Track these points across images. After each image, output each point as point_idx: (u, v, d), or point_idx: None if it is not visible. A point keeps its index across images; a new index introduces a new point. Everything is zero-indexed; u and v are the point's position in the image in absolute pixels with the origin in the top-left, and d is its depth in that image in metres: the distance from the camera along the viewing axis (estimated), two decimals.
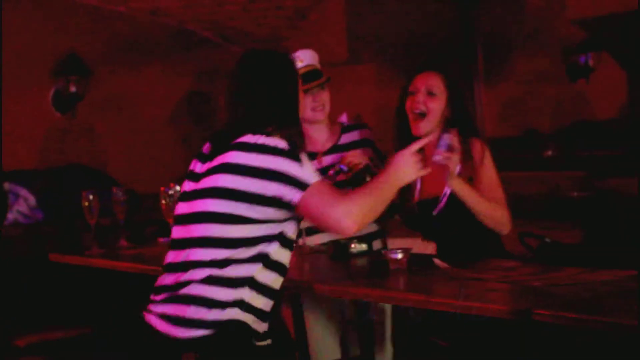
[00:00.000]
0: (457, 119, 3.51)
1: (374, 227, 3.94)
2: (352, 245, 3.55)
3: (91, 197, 4.32)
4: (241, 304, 2.64)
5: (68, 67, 7.08)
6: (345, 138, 4.03)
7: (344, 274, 3.36)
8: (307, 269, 3.50)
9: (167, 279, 2.74)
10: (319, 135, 4.04)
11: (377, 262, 3.48)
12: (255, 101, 2.79)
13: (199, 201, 2.74)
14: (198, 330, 2.62)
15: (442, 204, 3.50)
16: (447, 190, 3.47)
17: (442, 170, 3.39)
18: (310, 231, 3.83)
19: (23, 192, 6.40)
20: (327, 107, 4.00)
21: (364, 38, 7.82)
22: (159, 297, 2.73)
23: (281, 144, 2.66)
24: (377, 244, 3.87)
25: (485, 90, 7.39)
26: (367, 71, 7.81)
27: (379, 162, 3.82)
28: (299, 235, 3.74)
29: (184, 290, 2.66)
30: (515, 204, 3.57)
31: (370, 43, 7.80)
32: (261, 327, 2.71)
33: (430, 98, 3.52)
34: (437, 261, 3.12)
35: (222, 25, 7.58)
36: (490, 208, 3.36)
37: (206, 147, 2.85)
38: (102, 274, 4.36)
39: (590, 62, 8.04)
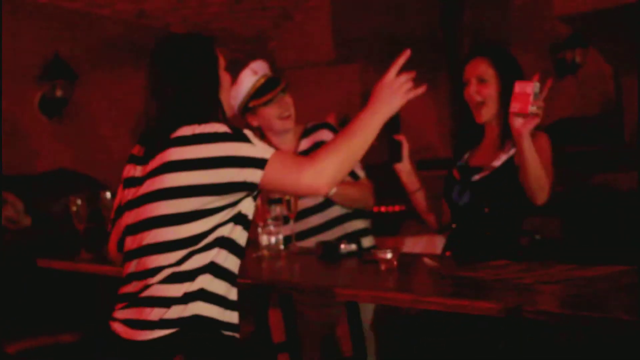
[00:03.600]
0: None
1: (361, 224, 3.93)
2: (342, 246, 3.54)
3: (79, 201, 4.30)
4: (202, 295, 2.54)
5: (54, 72, 7.07)
6: (304, 144, 3.95)
7: (332, 275, 3.35)
8: (297, 270, 3.49)
9: (129, 287, 2.64)
10: (284, 146, 3.94)
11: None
12: (179, 91, 2.64)
13: (147, 206, 2.60)
14: (161, 331, 2.52)
15: (485, 173, 3.43)
16: (496, 163, 3.42)
17: (494, 142, 3.42)
18: (301, 236, 3.83)
19: (11, 197, 6.38)
20: (294, 114, 3.92)
21: (350, 37, 7.82)
22: (121, 305, 2.64)
23: (221, 128, 2.54)
24: (366, 242, 3.86)
25: None
26: (353, 70, 7.81)
27: None
28: (289, 240, 3.73)
29: (145, 294, 2.56)
30: None
31: (356, 42, 7.80)
32: (228, 317, 2.60)
33: (483, 85, 3.45)
34: (426, 260, 3.11)
35: (208, 26, 7.57)
36: (542, 171, 3.20)
37: (137, 150, 2.73)
38: (91, 279, 4.35)
39: (578, 58, 8.07)
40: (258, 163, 2.51)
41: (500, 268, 2.97)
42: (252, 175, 2.52)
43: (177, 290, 2.53)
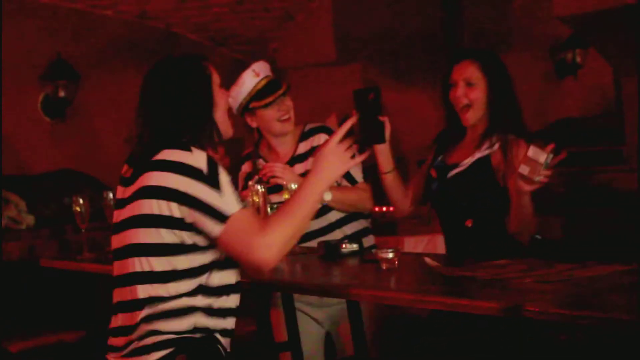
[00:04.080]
0: (499, 107, 3.46)
1: (362, 225, 3.94)
2: (343, 246, 3.54)
3: (82, 201, 4.31)
4: (195, 327, 2.55)
5: (56, 72, 7.08)
6: (302, 147, 3.93)
7: (333, 274, 3.36)
8: (298, 269, 3.50)
9: (120, 319, 2.62)
10: (282, 148, 3.94)
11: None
12: (164, 112, 2.62)
13: (127, 232, 2.59)
14: (158, 353, 2.52)
15: (460, 169, 3.47)
16: (470, 160, 3.46)
17: (473, 142, 3.46)
18: (301, 239, 3.83)
19: (13, 197, 6.39)
20: (293, 117, 3.91)
21: (351, 38, 7.83)
22: (118, 343, 2.61)
23: (201, 162, 2.50)
24: (367, 241, 3.87)
25: None
26: (354, 70, 7.81)
27: None
28: None
29: (143, 343, 2.54)
30: None
31: (358, 43, 7.81)
32: (223, 324, 2.62)
33: (470, 89, 3.45)
34: (427, 259, 3.13)
35: (210, 27, 7.58)
36: (531, 218, 3.28)
37: (125, 170, 2.70)
38: (94, 278, 4.36)
39: (578, 59, 8.08)
40: (221, 217, 2.48)
41: (500, 268, 2.98)
42: (212, 226, 2.48)
43: (174, 324, 2.52)
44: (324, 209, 3.83)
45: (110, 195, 4.35)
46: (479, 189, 3.43)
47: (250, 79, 3.86)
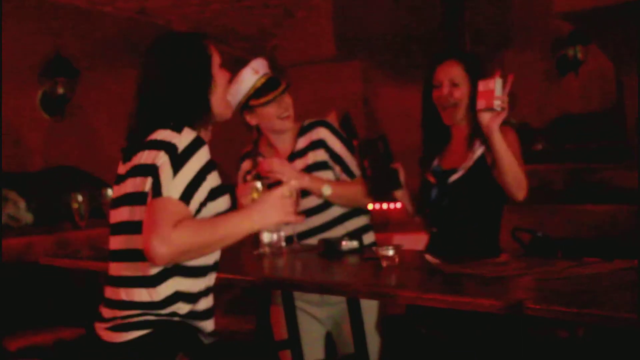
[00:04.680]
0: None
1: (362, 221, 3.93)
2: (343, 243, 3.54)
3: (81, 199, 4.30)
4: (177, 296, 2.57)
5: (55, 69, 7.07)
6: (302, 142, 3.90)
7: (333, 272, 3.36)
8: (298, 267, 3.49)
9: (110, 292, 2.67)
10: (282, 145, 3.92)
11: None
12: (160, 91, 2.63)
13: (120, 209, 2.64)
14: (137, 332, 2.56)
15: (460, 174, 3.50)
16: (468, 163, 3.48)
17: (462, 144, 3.49)
18: (302, 236, 3.82)
19: (12, 195, 6.39)
20: (293, 114, 3.90)
21: (351, 35, 7.82)
22: (106, 315, 2.65)
23: (183, 141, 2.52)
24: (367, 238, 3.86)
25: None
26: (354, 68, 7.80)
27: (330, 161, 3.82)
28: (290, 241, 3.73)
29: (125, 320, 2.58)
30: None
31: (358, 39, 7.80)
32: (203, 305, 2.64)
33: (455, 88, 3.52)
34: (428, 257, 3.12)
35: (209, 23, 7.57)
36: (517, 165, 3.33)
37: (126, 146, 2.72)
38: (92, 276, 4.35)
39: (579, 55, 8.06)
40: (156, 190, 2.49)
41: (501, 265, 2.97)
42: (150, 194, 2.50)
43: (149, 294, 2.56)
44: (326, 205, 3.82)
45: (109, 192, 4.34)
46: (483, 192, 3.46)
47: (250, 76, 3.85)
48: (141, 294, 2.57)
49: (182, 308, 2.59)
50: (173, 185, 2.48)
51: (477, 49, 7.48)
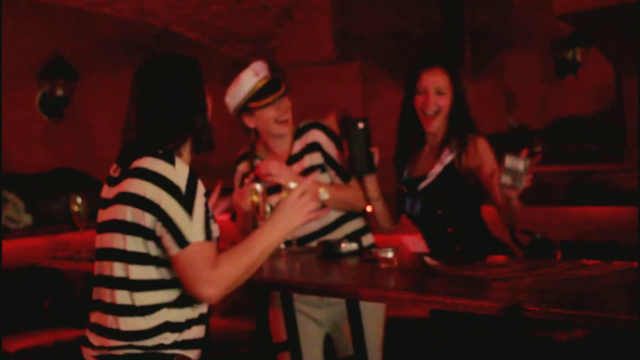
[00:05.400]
0: (459, 114, 3.57)
1: (360, 224, 3.93)
2: (343, 245, 3.54)
3: (80, 200, 4.30)
4: (165, 326, 2.57)
5: (54, 71, 7.06)
6: (297, 146, 3.92)
7: (333, 273, 3.36)
8: (298, 269, 3.49)
9: (98, 317, 2.64)
10: (280, 148, 3.93)
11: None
12: (153, 114, 2.61)
13: (108, 235, 2.61)
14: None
15: (429, 180, 3.55)
16: (437, 169, 3.52)
17: (433, 152, 3.57)
18: (301, 241, 3.82)
19: (11, 196, 6.38)
20: (291, 118, 3.89)
21: (351, 36, 7.82)
22: (93, 342, 2.64)
23: (182, 179, 2.51)
24: (366, 240, 3.86)
25: (473, 86, 7.39)
26: (353, 69, 7.80)
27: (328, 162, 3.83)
28: (289, 243, 3.73)
29: (113, 352, 2.57)
30: None
31: (357, 41, 7.80)
32: (192, 334, 2.63)
33: (440, 97, 3.55)
34: (427, 259, 3.12)
35: (209, 25, 7.57)
36: (520, 210, 3.38)
37: (113, 169, 2.71)
38: (92, 278, 4.35)
39: (578, 58, 8.06)
40: (182, 241, 2.50)
41: (501, 267, 2.97)
42: (171, 245, 2.50)
43: (137, 324, 2.55)
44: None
45: None
46: (452, 196, 3.53)
47: (250, 78, 3.85)
48: (128, 323, 2.56)
49: (169, 338, 2.58)
50: (194, 229, 2.50)
51: (476, 50, 7.48)
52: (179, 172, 2.52)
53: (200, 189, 2.55)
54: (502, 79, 7.98)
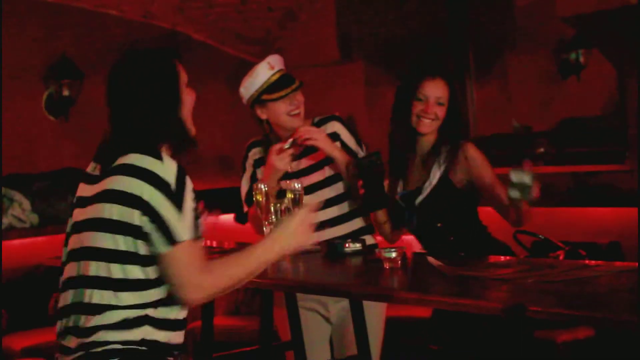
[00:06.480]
0: (452, 125, 3.65)
1: (364, 222, 3.94)
2: (346, 245, 3.56)
3: None
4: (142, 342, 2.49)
5: (60, 71, 7.07)
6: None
7: (336, 273, 3.37)
8: (302, 269, 3.50)
9: (73, 320, 2.52)
10: None
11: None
12: (136, 110, 2.54)
13: (86, 234, 2.52)
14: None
15: (425, 194, 3.60)
16: (433, 180, 3.58)
17: (420, 162, 3.64)
18: None
19: (17, 196, 6.40)
20: (303, 112, 3.91)
21: (355, 37, 7.83)
22: (69, 344, 2.54)
23: (170, 175, 2.44)
24: (369, 240, 3.88)
25: (476, 88, 7.41)
26: (357, 70, 7.81)
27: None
28: None
29: (91, 350, 2.47)
30: None
31: (361, 42, 7.81)
32: (175, 338, 2.57)
33: (440, 107, 3.63)
34: (430, 259, 3.14)
35: (214, 27, 7.58)
36: (530, 211, 3.44)
37: (91, 167, 2.62)
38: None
39: (581, 60, 8.06)
40: (171, 239, 2.43)
41: (502, 267, 2.99)
42: (159, 244, 2.44)
43: (116, 335, 2.46)
44: (328, 204, 3.84)
45: None
46: (449, 208, 3.59)
47: (265, 71, 3.88)
48: (113, 320, 2.47)
49: (151, 335, 2.50)
50: (182, 226, 2.44)
51: (480, 52, 7.49)
52: (167, 168, 2.45)
53: (189, 184, 2.49)
54: (505, 80, 7.99)
